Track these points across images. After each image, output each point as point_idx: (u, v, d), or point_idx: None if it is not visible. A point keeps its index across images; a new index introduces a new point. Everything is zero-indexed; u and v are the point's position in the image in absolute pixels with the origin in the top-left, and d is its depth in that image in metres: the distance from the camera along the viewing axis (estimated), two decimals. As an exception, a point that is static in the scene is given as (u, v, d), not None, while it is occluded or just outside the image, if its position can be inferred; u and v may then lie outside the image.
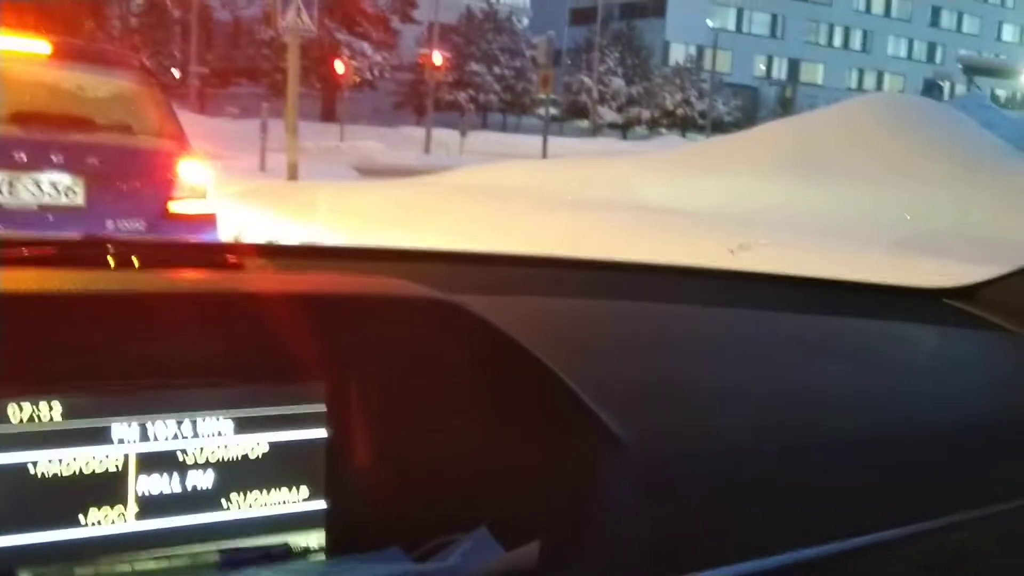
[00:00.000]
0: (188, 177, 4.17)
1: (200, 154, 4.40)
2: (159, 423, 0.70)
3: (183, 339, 0.69)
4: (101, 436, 0.68)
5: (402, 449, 0.76)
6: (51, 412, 0.66)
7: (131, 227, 3.95)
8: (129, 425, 0.69)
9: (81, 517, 0.67)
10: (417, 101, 33.69)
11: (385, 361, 0.75)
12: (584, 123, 38.35)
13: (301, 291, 0.75)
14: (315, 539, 0.74)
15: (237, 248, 1.10)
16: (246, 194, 8.79)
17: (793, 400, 0.96)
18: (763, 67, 52.85)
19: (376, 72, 33.87)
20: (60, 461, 0.67)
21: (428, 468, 0.76)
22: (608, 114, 39.75)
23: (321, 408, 0.75)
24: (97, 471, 0.68)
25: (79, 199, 3.87)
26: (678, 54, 46.94)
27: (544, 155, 17.52)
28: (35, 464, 0.66)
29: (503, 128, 37.05)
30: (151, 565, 0.69)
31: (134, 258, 0.90)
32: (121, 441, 0.69)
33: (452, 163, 15.84)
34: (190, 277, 0.81)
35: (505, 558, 0.70)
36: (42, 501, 0.66)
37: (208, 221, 4.19)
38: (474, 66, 37.60)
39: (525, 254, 1.22)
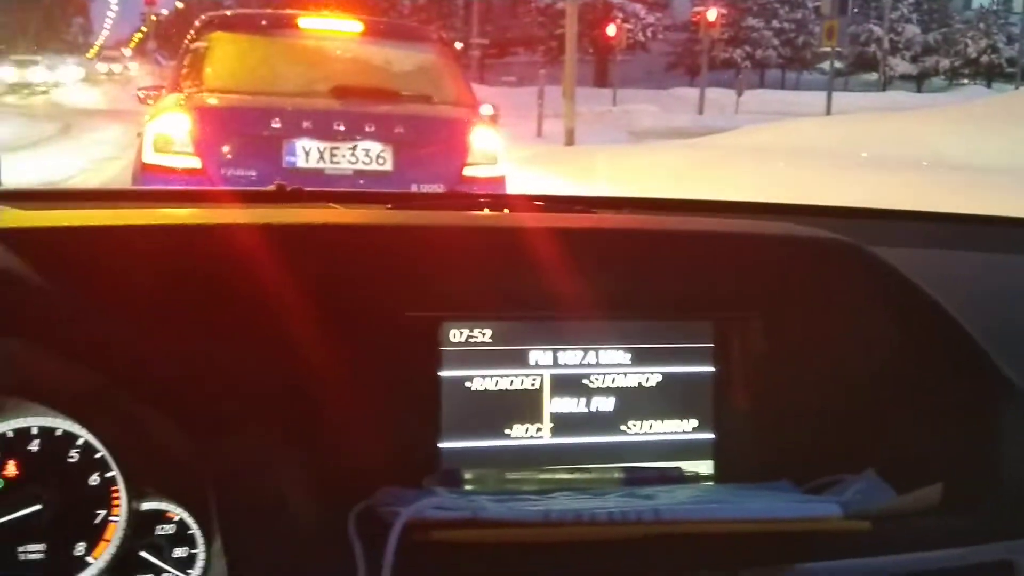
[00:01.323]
0: (480, 143, 4.41)
1: (490, 121, 4.63)
2: (568, 351, 0.77)
3: (586, 277, 0.76)
4: (522, 359, 0.77)
5: (789, 388, 0.78)
6: (483, 336, 0.76)
7: (431, 190, 4.25)
8: (544, 352, 0.77)
9: (507, 430, 0.76)
10: (690, 61, 33.00)
11: (775, 301, 0.78)
12: (872, 76, 35.59)
13: (696, 230, 0.79)
14: (705, 467, 0.79)
15: (582, 200, 1.16)
16: (528, 159, 9.12)
17: None
18: (1089, 3, 46.11)
19: (648, 34, 33.54)
20: (490, 379, 0.76)
21: (815, 408, 0.77)
22: (900, 65, 36.54)
23: (709, 345, 0.79)
24: (518, 390, 0.76)
25: (388, 165, 4.22)
26: (983, -6, 42.14)
27: (828, 111, 16.53)
28: (471, 380, 0.76)
29: (781, 85, 35.35)
30: (564, 476, 0.77)
31: (504, 209, 0.99)
32: (538, 365, 0.77)
33: (728, 124, 15.40)
34: (578, 219, 0.87)
35: (904, 498, 0.70)
36: (477, 413, 0.76)
37: (498, 184, 4.41)
38: (751, 20, 36.06)
39: (885, 208, 1.20)
